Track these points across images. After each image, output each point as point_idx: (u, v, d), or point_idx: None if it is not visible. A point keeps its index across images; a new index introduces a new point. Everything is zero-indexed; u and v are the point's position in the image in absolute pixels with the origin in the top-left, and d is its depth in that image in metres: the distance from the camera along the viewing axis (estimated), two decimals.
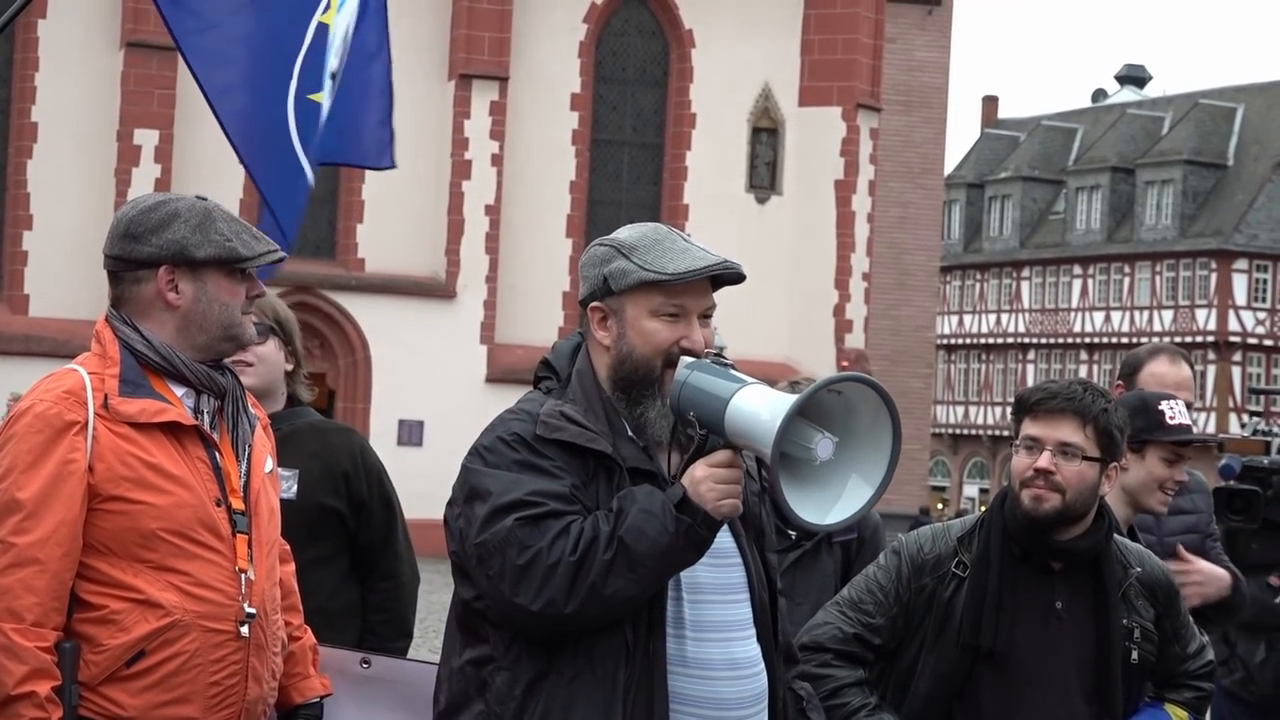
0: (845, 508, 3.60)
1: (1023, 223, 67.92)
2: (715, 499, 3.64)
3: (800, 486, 3.55)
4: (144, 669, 3.92)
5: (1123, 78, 77.34)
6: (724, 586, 3.86)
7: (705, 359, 3.76)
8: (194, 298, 4.08)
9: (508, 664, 3.76)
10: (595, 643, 3.71)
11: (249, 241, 4.11)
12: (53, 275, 30.90)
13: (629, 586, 3.64)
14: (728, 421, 3.59)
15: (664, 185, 35.08)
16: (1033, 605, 4.73)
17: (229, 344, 4.14)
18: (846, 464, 3.60)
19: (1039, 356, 66.82)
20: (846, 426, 3.59)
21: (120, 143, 31.38)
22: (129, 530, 3.93)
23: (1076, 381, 4.84)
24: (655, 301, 3.82)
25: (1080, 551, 4.75)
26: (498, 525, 3.69)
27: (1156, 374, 6.37)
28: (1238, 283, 60.88)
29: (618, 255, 3.86)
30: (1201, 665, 5.05)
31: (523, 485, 3.71)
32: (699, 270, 3.81)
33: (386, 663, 4.91)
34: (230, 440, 4.14)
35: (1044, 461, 4.69)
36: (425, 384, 31.82)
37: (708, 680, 3.79)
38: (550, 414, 3.80)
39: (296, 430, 5.41)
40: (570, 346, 3.99)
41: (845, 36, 34.91)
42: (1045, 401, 4.74)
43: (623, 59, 35.20)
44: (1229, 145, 62.85)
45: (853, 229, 34.71)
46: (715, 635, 3.82)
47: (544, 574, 3.63)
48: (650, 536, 3.62)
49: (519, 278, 32.93)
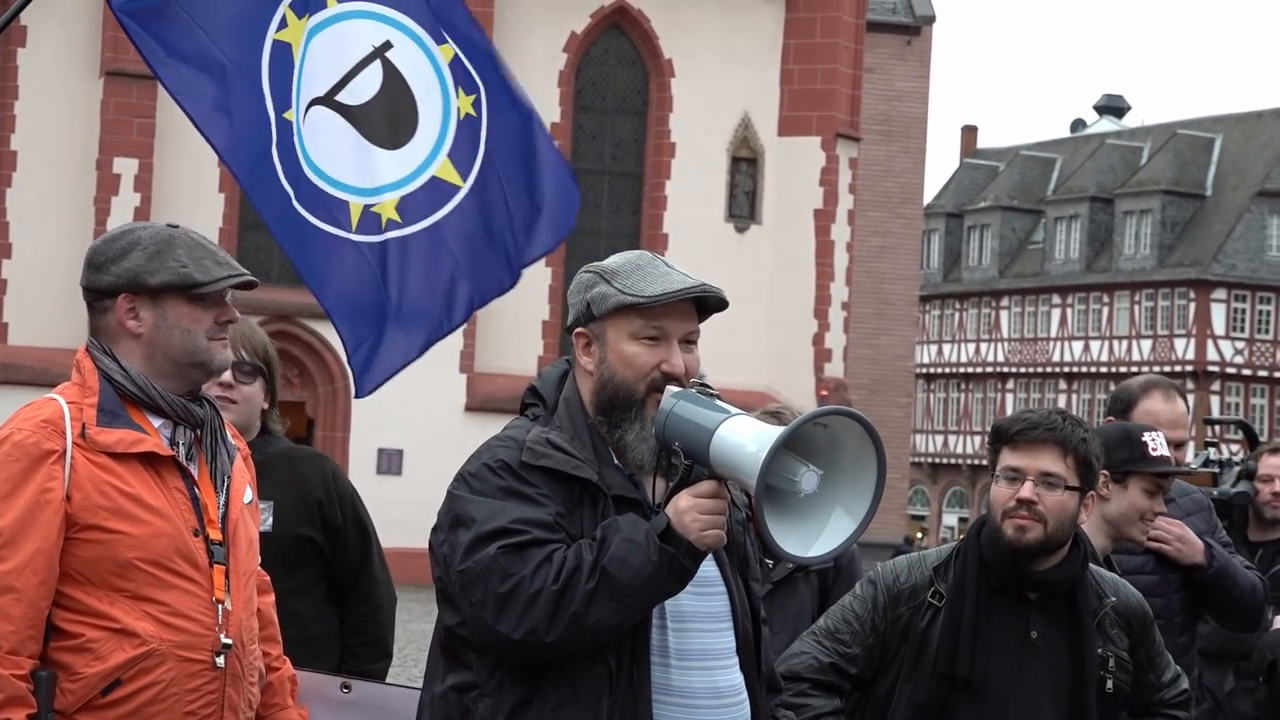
0: (829, 540, 3.60)
1: (1002, 252, 68.07)
2: (699, 529, 3.63)
3: (784, 518, 3.55)
4: (120, 698, 3.91)
5: (1101, 108, 77.61)
6: (708, 615, 3.86)
7: (691, 388, 3.76)
8: (154, 325, 4.08)
9: (490, 690, 3.76)
10: (578, 671, 3.70)
11: (209, 267, 4.09)
12: (31, 304, 30.84)
13: (611, 616, 3.63)
14: (713, 453, 3.59)
15: (643, 214, 35.10)
16: (1008, 635, 4.74)
17: (197, 371, 4.12)
18: (831, 497, 3.60)
19: (1018, 386, 66.93)
20: (831, 459, 3.59)
21: (99, 171, 31.33)
22: (106, 559, 3.93)
23: (1054, 411, 4.83)
24: (635, 325, 3.83)
25: (1057, 581, 4.76)
26: (481, 553, 3.69)
27: (1151, 413, 6.30)
28: (1216, 312, 61.05)
29: (600, 281, 3.88)
30: (1177, 694, 5.06)
31: (507, 513, 3.71)
32: (675, 293, 3.83)
33: (367, 687, 4.90)
34: (209, 471, 4.13)
35: (1027, 492, 4.69)
36: (404, 413, 31.72)
37: (691, 709, 3.78)
38: (536, 441, 3.80)
39: (268, 459, 5.38)
40: (557, 374, 4.00)
41: (824, 66, 34.97)
42: (1026, 432, 4.74)
43: (602, 88, 35.23)
44: (1207, 175, 63.07)
45: (832, 258, 34.74)
46: (698, 664, 3.82)
47: (526, 602, 3.63)
48: (634, 566, 3.61)
49: (498, 306, 32.68)
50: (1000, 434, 4.81)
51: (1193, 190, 62.71)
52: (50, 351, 29.17)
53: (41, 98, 31.46)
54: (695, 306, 3.92)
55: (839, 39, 35.11)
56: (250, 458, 4.43)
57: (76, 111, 31.37)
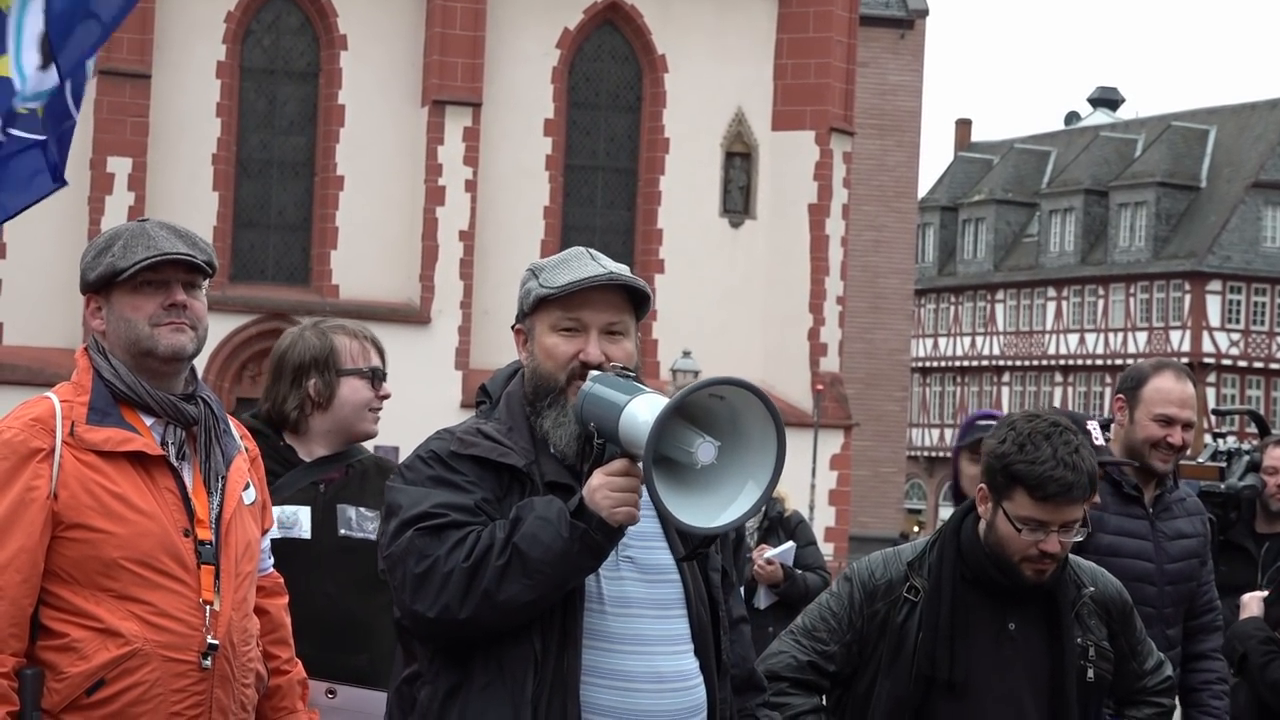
0: (734, 511, 3.64)
1: (997, 245, 68.06)
2: (610, 506, 3.69)
3: (687, 491, 3.61)
4: (104, 698, 3.92)
5: (1095, 100, 77.55)
6: (657, 602, 3.91)
7: (609, 372, 3.82)
8: (109, 320, 4.13)
9: (430, 678, 3.84)
10: (505, 652, 3.78)
11: (135, 253, 4.07)
12: (27, 304, 30.86)
13: (524, 592, 3.70)
14: (621, 429, 3.66)
15: (637, 210, 35.10)
16: (985, 627, 4.73)
17: (150, 359, 4.10)
18: (740, 469, 3.64)
19: (1014, 379, 66.94)
20: (736, 431, 3.64)
21: (93, 170, 31.34)
22: (91, 558, 3.95)
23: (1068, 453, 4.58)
24: (554, 317, 3.92)
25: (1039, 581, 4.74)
26: (402, 537, 3.78)
27: (1162, 389, 6.21)
28: (1211, 304, 61.04)
29: (531, 277, 3.99)
30: (1160, 681, 5.07)
31: (430, 498, 3.80)
32: (581, 281, 3.89)
33: (351, 692, 4.94)
34: (201, 471, 4.13)
35: (1053, 546, 4.60)
36: (400, 410, 31.37)
37: (627, 692, 3.83)
38: (467, 431, 3.90)
39: (366, 468, 5.37)
40: (507, 372, 4.08)
41: (818, 61, 34.98)
42: (1061, 495, 4.54)
43: (596, 84, 35.23)
44: (1202, 167, 63.05)
45: (827, 253, 34.75)
46: (640, 649, 3.86)
47: (440, 581, 3.71)
48: (544, 542, 3.68)
49: (493, 303, 32.89)
50: (1024, 483, 4.59)
51: (1187, 182, 62.69)
52: (45, 351, 29.21)
53: None
54: (627, 297, 3.95)
55: (832, 33, 35.12)
56: (261, 457, 4.44)
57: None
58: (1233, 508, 8.06)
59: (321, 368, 5.27)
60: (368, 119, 33.23)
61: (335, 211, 33.05)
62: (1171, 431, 6.17)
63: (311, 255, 33.55)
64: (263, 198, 33.85)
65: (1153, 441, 6.17)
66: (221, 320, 29.86)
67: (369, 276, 33.05)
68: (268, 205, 33.89)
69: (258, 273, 33.56)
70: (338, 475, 5.28)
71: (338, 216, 33.14)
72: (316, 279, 33.42)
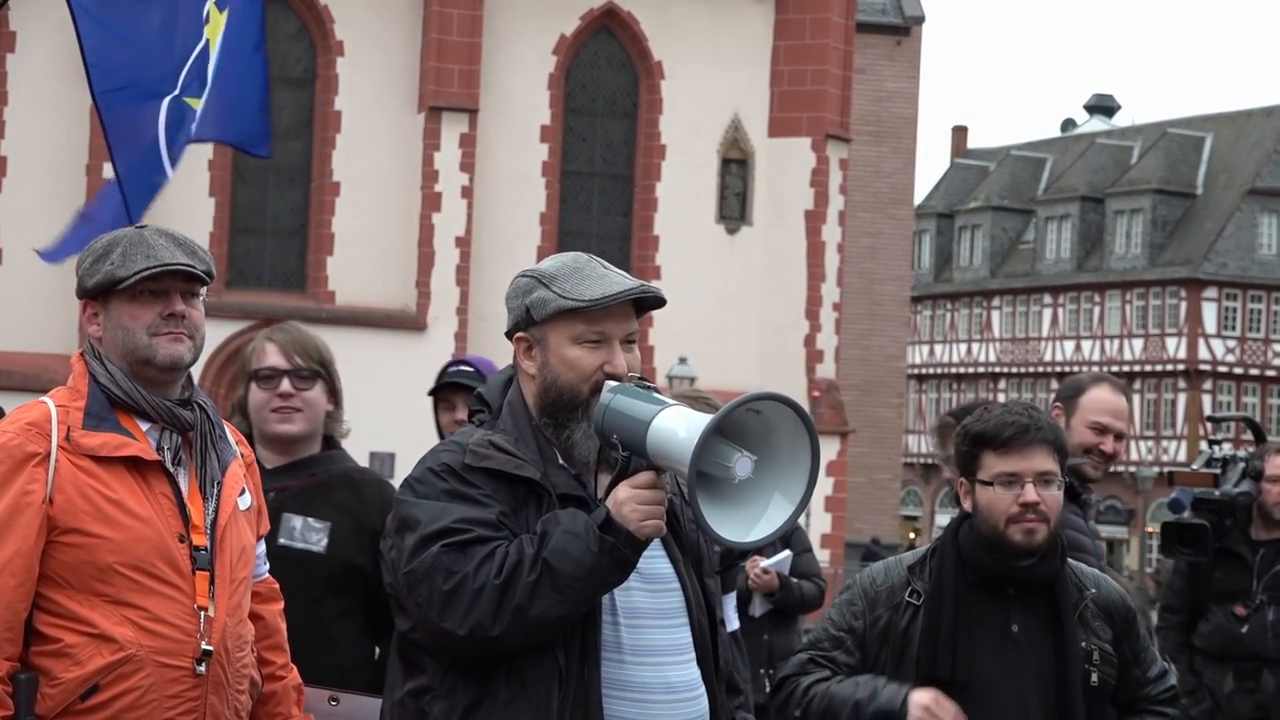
0: (767, 525, 3.64)
1: (993, 252, 68.08)
2: (638, 519, 3.68)
3: (722, 505, 3.60)
4: (98, 703, 3.91)
5: (1092, 107, 77.60)
6: (661, 611, 3.90)
7: (629, 383, 3.80)
8: (105, 327, 4.12)
9: (444, 692, 3.80)
10: (527, 667, 3.75)
11: (135, 261, 4.06)
12: (22, 309, 30.81)
13: (555, 607, 3.68)
14: (649, 443, 3.65)
15: (634, 216, 35.09)
16: (988, 630, 4.75)
17: (147, 368, 4.10)
18: (769, 482, 3.65)
19: (1010, 386, 66.93)
20: (768, 445, 3.64)
21: (89, 176, 31.28)
22: (86, 564, 3.94)
23: (1024, 408, 4.81)
24: (576, 329, 3.87)
25: (1039, 577, 4.77)
26: (425, 553, 3.74)
27: (1099, 399, 6.39)
28: (1207, 311, 61.05)
29: (539, 285, 3.92)
30: (1164, 690, 5.07)
31: (450, 513, 3.76)
32: (615, 295, 3.86)
33: (354, 700, 4.91)
34: (197, 476, 4.12)
35: (1031, 495, 4.69)
36: (396, 416, 31.56)
37: (643, 704, 3.82)
38: (479, 444, 3.86)
39: (331, 478, 5.35)
40: (502, 380, 4.05)
41: (814, 67, 34.98)
42: (1019, 436, 4.71)
43: (592, 90, 35.22)
44: (1198, 174, 63.06)
45: (823, 259, 34.74)
46: (651, 660, 3.85)
47: (470, 598, 3.68)
48: (574, 557, 3.67)
49: (490, 310, 32.85)
50: (984, 440, 4.76)
51: (1183, 189, 62.70)
52: (41, 357, 29.18)
53: (31, 103, 31.44)
54: (634, 306, 3.94)
55: (829, 40, 35.12)
56: (256, 463, 4.43)
57: (66, 116, 31.32)
58: (1228, 514, 8.08)
59: (244, 375, 5.34)
60: (364, 125, 33.22)
61: (332, 217, 33.02)
62: (1105, 440, 6.33)
63: (308, 261, 33.53)
64: (259, 203, 33.82)
65: (1086, 447, 6.31)
66: (217, 326, 29.80)
67: (365, 282, 33.03)
68: (264, 211, 33.86)
69: (254, 278, 33.53)
70: (294, 483, 5.27)
71: (334, 222, 33.11)
72: (313, 285, 33.39)
